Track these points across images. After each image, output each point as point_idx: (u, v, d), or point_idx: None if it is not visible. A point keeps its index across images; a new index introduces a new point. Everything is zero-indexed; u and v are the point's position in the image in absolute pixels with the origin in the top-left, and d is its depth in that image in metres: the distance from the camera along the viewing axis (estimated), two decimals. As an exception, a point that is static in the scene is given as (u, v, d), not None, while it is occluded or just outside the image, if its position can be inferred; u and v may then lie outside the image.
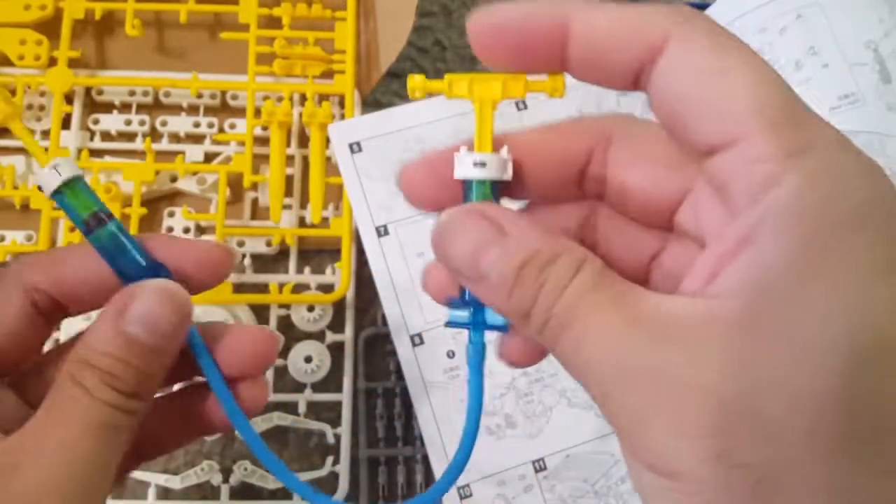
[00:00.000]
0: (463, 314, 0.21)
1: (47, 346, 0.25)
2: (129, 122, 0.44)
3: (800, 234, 0.16)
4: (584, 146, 0.21)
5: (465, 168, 0.20)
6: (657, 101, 0.18)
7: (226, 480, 0.39)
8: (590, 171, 0.21)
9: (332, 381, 0.41)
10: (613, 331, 0.17)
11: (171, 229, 0.43)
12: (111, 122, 0.44)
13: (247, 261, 0.43)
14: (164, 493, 0.39)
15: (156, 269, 0.23)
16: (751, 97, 0.17)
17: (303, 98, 0.44)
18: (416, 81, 0.20)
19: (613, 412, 0.18)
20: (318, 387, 0.41)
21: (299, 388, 0.41)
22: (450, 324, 0.21)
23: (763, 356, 0.16)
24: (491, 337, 0.22)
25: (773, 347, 0.16)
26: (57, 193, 0.22)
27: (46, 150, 0.42)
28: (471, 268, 0.19)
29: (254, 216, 0.44)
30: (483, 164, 0.20)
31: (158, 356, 0.22)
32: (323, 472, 0.40)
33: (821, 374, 0.16)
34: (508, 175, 0.20)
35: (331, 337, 0.42)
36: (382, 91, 0.47)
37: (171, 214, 0.43)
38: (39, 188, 0.22)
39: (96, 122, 0.44)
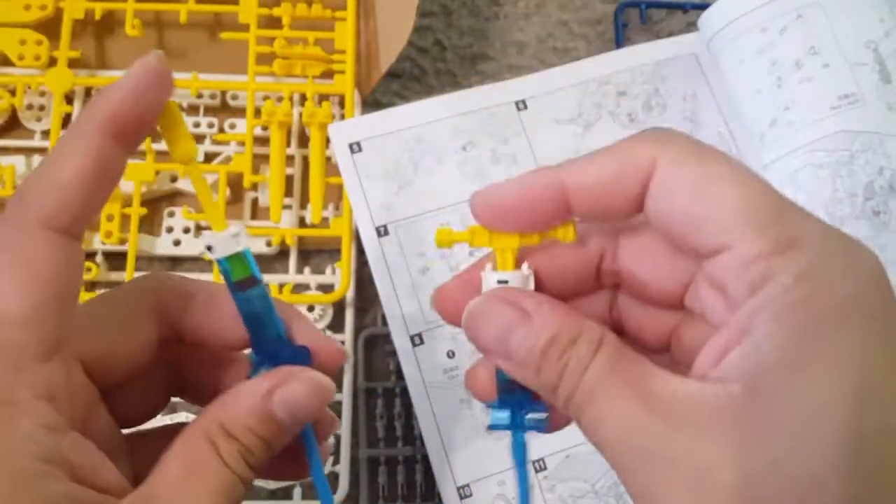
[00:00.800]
0: (504, 416, 0.23)
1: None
2: (129, 122, 0.44)
3: (791, 327, 0.18)
4: (596, 248, 0.23)
5: (489, 287, 0.22)
6: (654, 219, 0.20)
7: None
8: (603, 266, 0.23)
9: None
10: (631, 415, 0.19)
11: (170, 229, 0.43)
12: (111, 121, 0.44)
13: (247, 261, 0.43)
14: (165, 493, 0.39)
15: (294, 349, 0.24)
16: (738, 205, 0.19)
17: (303, 98, 0.44)
18: (443, 233, 0.23)
19: (630, 485, 0.19)
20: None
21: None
22: (493, 427, 0.23)
23: (764, 444, 0.18)
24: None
25: (766, 433, 0.18)
26: (221, 259, 0.23)
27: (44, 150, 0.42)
28: (500, 349, 0.21)
29: (254, 216, 0.44)
30: (506, 282, 0.22)
31: (290, 435, 0.23)
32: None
33: (810, 457, 0.17)
34: (531, 288, 0.22)
35: (331, 337, 0.42)
36: (382, 91, 0.47)
37: (171, 214, 0.43)
38: (209, 248, 0.23)
39: (96, 121, 0.44)
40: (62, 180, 0.20)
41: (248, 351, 0.24)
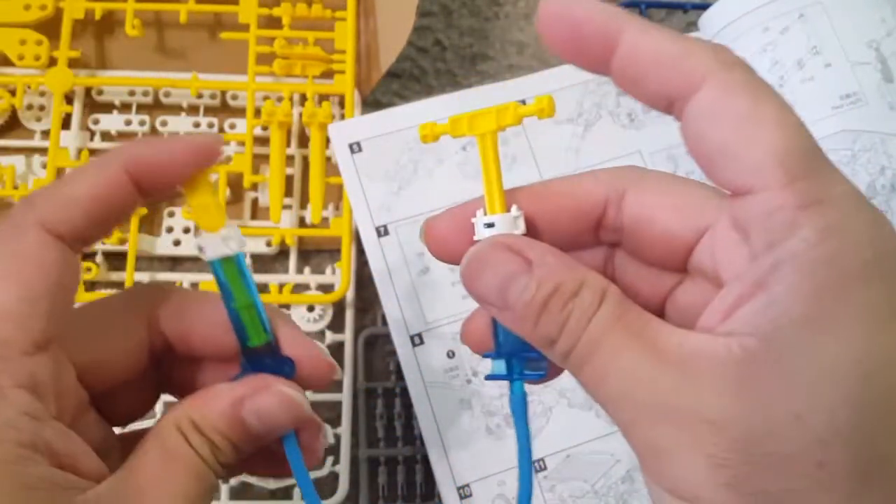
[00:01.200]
0: (501, 366, 0.23)
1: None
2: (129, 122, 0.44)
3: (812, 284, 0.17)
4: (600, 198, 0.22)
5: (479, 231, 0.22)
6: (690, 139, 0.20)
7: (226, 480, 0.39)
8: (606, 220, 0.22)
9: (332, 381, 0.41)
10: (639, 367, 0.19)
11: (170, 229, 0.43)
12: (111, 122, 0.44)
13: (247, 260, 0.43)
14: (164, 493, 0.39)
15: (278, 359, 0.24)
16: (775, 150, 0.18)
17: (303, 98, 0.44)
18: (426, 128, 0.22)
19: (637, 441, 0.19)
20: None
21: (299, 388, 0.41)
22: (490, 377, 0.23)
23: (777, 395, 0.17)
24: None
25: (787, 387, 0.17)
26: (216, 261, 0.23)
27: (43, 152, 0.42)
28: (499, 299, 0.20)
29: (254, 216, 0.44)
30: (492, 225, 0.21)
31: (260, 442, 0.23)
32: (323, 472, 0.40)
33: (831, 412, 0.17)
34: (520, 230, 0.22)
35: (331, 337, 0.42)
36: (382, 91, 0.47)
37: (171, 214, 0.43)
38: (200, 249, 0.23)
39: (96, 122, 0.44)
40: (71, 193, 0.21)
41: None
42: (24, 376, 0.20)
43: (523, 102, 0.42)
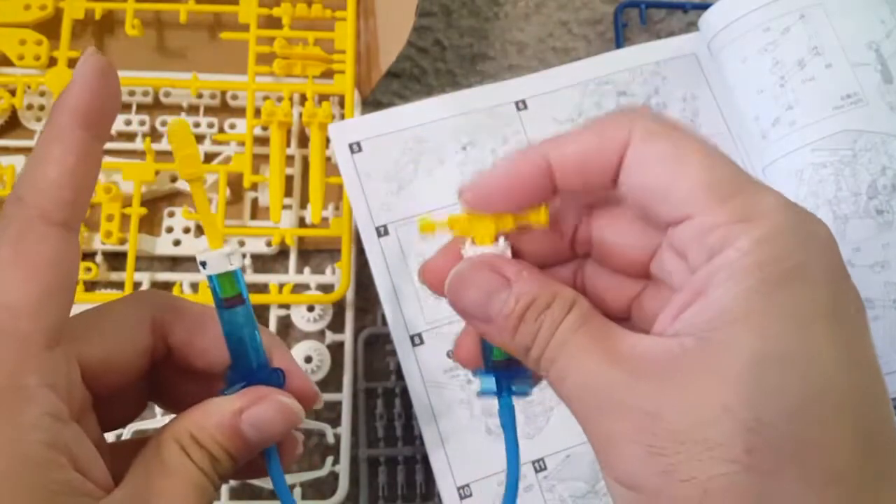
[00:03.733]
0: (491, 383, 0.24)
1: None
2: (129, 122, 0.44)
3: (743, 288, 0.19)
4: (574, 216, 0.24)
5: None
6: (627, 190, 0.22)
7: (226, 480, 0.39)
8: (577, 235, 0.24)
9: (332, 381, 0.41)
10: (595, 367, 0.21)
11: (170, 229, 0.43)
12: (111, 122, 0.44)
13: (247, 261, 0.43)
14: (164, 493, 0.39)
15: (269, 372, 0.25)
16: (702, 179, 0.20)
17: (303, 98, 0.44)
18: (425, 222, 0.24)
19: (591, 434, 0.21)
20: (318, 387, 0.41)
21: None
22: (482, 393, 0.24)
23: (708, 388, 0.19)
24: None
25: (717, 381, 0.19)
26: (213, 275, 0.24)
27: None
28: (481, 313, 0.22)
29: (254, 216, 0.44)
30: None
31: (254, 452, 0.24)
32: (323, 472, 0.40)
33: (756, 403, 0.19)
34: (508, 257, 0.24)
35: (331, 337, 0.42)
36: (382, 91, 0.47)
37: (171, 214, 0.43)
38: (202, 265, 0.23)
39: (96, 122, 0.44)
40: (53, 177, 0.21)
41: None
42: (48, 374, 0.20)
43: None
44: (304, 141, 0.45)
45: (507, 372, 0.24)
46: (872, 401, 0.20)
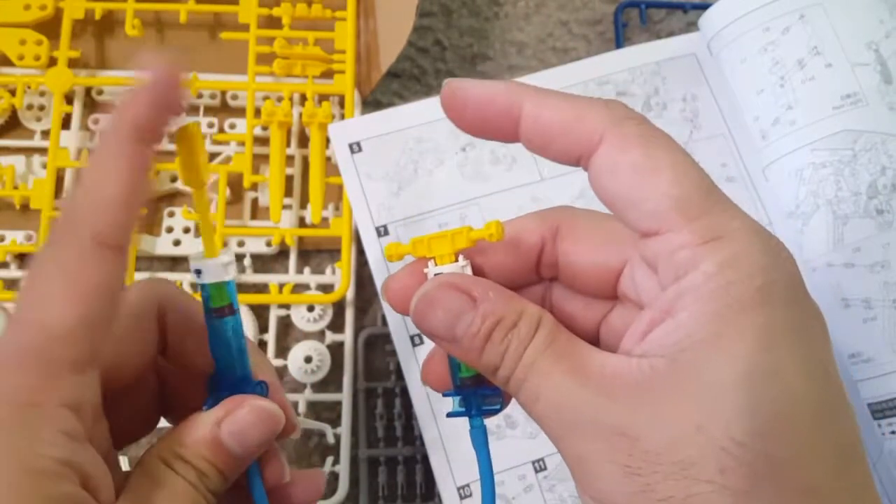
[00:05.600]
0: (459, 403, 0.25)
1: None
2: (129, 122, 0.44)
3: (710, 310, 0.20)
4: (537, 238, 0.24)
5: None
6: (597, 191, 0.22)
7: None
8: (543, 258, 0.24)
9: (332, 381, 0.41)
10: (565, 387, 0.21)
11: (170, 229, 0.43)
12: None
13: (247, 261, 0.43)
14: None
15: (253, 383, 0.25)
16: (672, 193, 0.20)
17: (303, 98, 0.44)
18: (391, 248, 0.24)
19: (566, 454, 0.21)
20: (318, 387, 0.41)
21: (299, 388, 0.41)
22: (451, 414, 0.25)
23: (681, 409, 0.19)
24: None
25: (689, 401, 0.19)
26: (207, 284, 0.24)
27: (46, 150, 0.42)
28: (447, 334, 0.22)
29: (254, 216, 0.44)
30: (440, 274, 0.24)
31: (242, 465, 0.24)
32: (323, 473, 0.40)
33: (727, 422, 0.19)
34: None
35: (331, 337, 0.42)
36: (382, 91, 0.47)
37: (171, 214, 0.43)
38: (197, 272, 0.23)
39: (96, 122, 0.44)
40: (108, 197, 0.21)
41: None
42: (70, 397, 0.20)
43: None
44: (304, 141, 0.45)
45: (476, 389, 0.24)
46: (840, 415, 0.20)
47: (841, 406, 0.20)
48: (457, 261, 0.24)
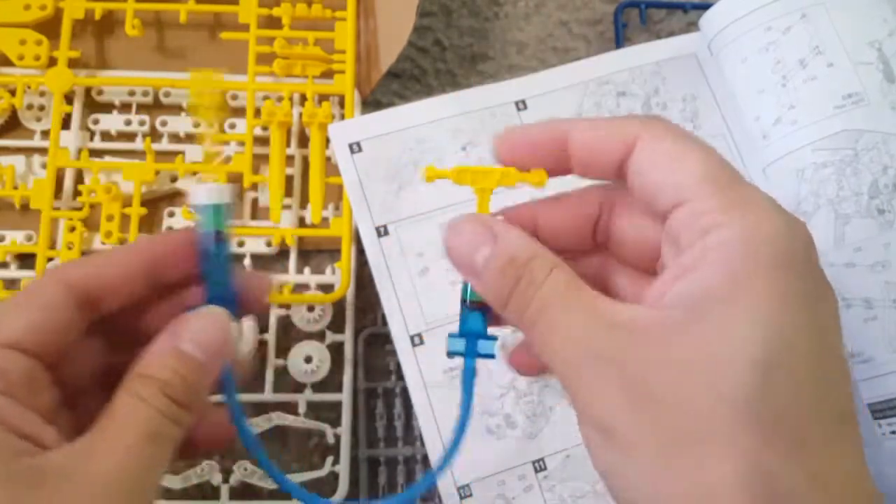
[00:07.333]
0: (459, 344, 0.26)
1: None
2: (129, 122, 0.44)
3: (730, 269, 0.21)
4: (594, 208, 0.26)
5: None
6: (632, 183, 0.24)
7: (226, 480, 0.39)
8: (600, 224, 0.27)
9: (332, 381, 0.41)
10: (580, 324, 0.22)
11: (170, 229, 0.43)
12: (111, 122, 0.44)
13: (247, 261, 0.43)
14: (165, 492, 0.39)
15: (221, 296, 0.26)
16: (699, 171, 0.22)
17: (303, 98, 0.44)
18: (431, 171, 0.26)
19: (572, 386, 0.22)
20: (318, 387, 0.41)
21: (299, 388, 0.41)
22: (450, 353, 0.26)
23: (691, 355, 0.21)
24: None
25: (699, 350, 0.21)
26: (207, 207, 0.26)
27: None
28: (467, 263, 0.24)
29: (254, 216, 0.44)
30: None
31: (206, 372, 0.25)
32: (323, 472, 0.40)
33: (734, 373, 0.20)
34: None
35: (331, 337, 0.42)
36: (382, 91, 0.47)
37: (171, 214, 0.43)
38: (193, 207, 0.26)
39: (96, 122, 0.44)
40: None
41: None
42: None
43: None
44: (304, 141, 0.45)
45: (476, 333, 0.26)
46: (838, 383, 0.22)
47: (838, 373, 0.22)
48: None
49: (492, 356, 0.26)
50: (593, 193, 0.26)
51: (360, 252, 0.41)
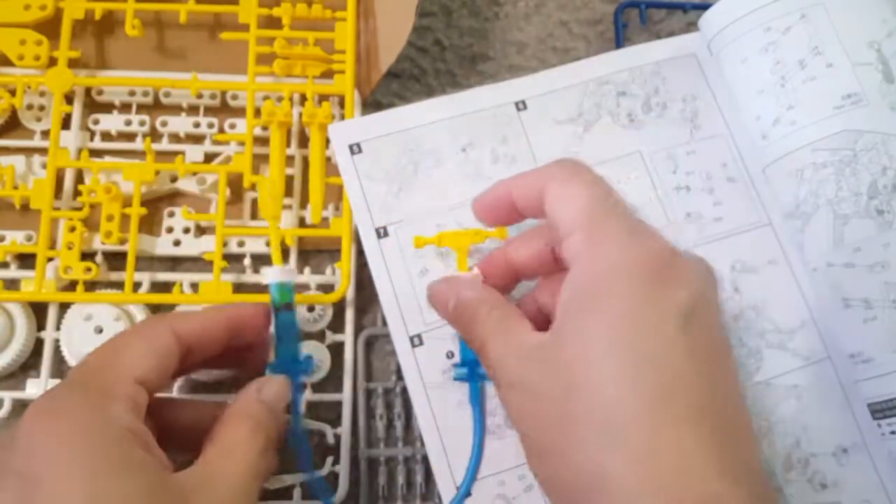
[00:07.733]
0: (464, 371, 0.37)
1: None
2: (129, 123, 0.44)
3: (583, 289, 0.29)
4: (548, 239, 0.34)
5: None
6: (548, 220, 0.32)
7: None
8: (556, 251, 0.33)
9: (332, 381, 0.41)
10: (502, 353, 0.31)
11: (170, 229, 0.43)
12: (111, 122, 0.44)
13: (247, 261, 0.43)
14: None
15: (294, 364, 0.36)
16: (581, 207, 0.30)
17: (303, 98, 0.44)
18: (419, 240, 0.39)
19: (502, 400, 0.32)
20: (318, 387, 0.41)
21: (299, 388, 0.41)
22: (456, 378, 0.38)
23: (563, 371, 0.28)
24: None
25: (566, 365, 0.28)
26: (278, 284, 0.36)
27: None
28: (442, 311, 0.35)
29: (254, 216, 0.44)
30: None
31: (276, 421, 0.33)
32: (323, 473, 0.40)
33: (600, 366, 0.28)
34: (479, 282, 0.35)
35: (331, 337, 0.42)
36: (382, 91, 0.47)
37: (171, 214, 0.43)
38: (268, 286, 0.36)
39: (96, 122, 0.44)
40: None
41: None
42: (130, 388, 0.29)
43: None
44: (304, 141, 0.45)
45: (476, 360, 0.35)
46: (721, 387, 0.29)
47: (722, 374, 0.30)
48: (471, 270, 0.36)
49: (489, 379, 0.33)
50: (546, 228, 0.33)
51: (360, 252, 0.41)
